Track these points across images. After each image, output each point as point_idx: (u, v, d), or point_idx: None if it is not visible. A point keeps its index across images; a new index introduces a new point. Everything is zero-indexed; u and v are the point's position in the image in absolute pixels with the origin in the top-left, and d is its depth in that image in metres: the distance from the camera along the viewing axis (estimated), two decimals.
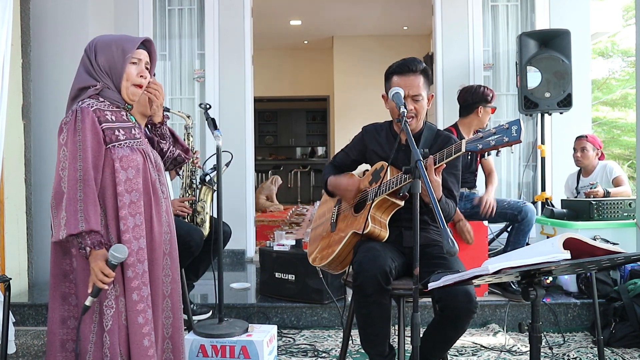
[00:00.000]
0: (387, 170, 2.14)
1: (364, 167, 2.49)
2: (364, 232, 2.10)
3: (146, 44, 1.96)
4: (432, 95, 2.33)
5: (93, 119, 1.82)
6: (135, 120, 1.99)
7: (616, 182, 4.08)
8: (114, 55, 1.89)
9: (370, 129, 2.43)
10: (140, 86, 1.93)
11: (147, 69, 1.96)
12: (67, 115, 1.86)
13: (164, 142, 2.08)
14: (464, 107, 3.58)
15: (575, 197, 4.19)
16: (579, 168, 4.24)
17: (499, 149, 1.89)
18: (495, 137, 1.84)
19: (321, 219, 2.53)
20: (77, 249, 1.82)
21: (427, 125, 2.32)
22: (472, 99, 3.53)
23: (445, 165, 2.01)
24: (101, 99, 1.90)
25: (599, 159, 4.21)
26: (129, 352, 1.83)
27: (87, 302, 1.79)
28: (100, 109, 1.86)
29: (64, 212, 1.74)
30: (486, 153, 3.48)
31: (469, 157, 3.52)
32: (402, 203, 2.17)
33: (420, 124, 2.30)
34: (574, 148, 4.18)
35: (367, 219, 2.11)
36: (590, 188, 4.01)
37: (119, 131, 1.88)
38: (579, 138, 4.18)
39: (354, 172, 2.50)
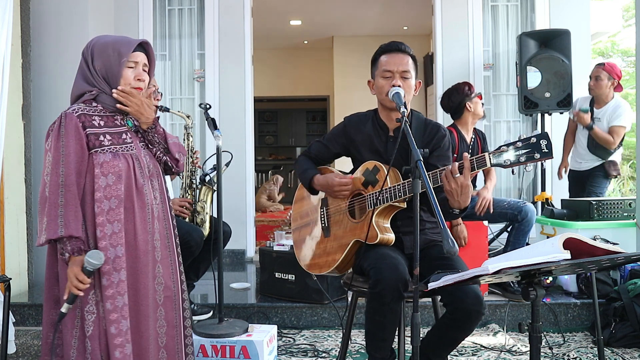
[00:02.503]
0: (387, 175, 2.04)
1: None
2: (374, 243, 2.05)
3: (144, 46, 1.93)
4: (420, 82, 2.24)
5: (77, 124, 1.80)
6: (133, 125, 1.95)
7: (611, 130, 4.07)
8: (110, 59, 1.86)
9: (353, 120, 2.29)
10: (139, 88, 1.91)
11: (145, 71, 1.93)
12: (54, 121, 1.85)
13: (152, 147, 2.00)
14: (454, 112, 3.58)
15: (590, 124, 4.07)
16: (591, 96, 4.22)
17: (528, 165, 1.79)
18: (524, 152, 1.73)
19: (304, 219, 2.41)
20: (59, 254, 1.81)
21: (414, 114, 2.23)
22: (454, 102, 3.54)
23: (473, 173, 1.92)
24: (94, 104, 1.89)
25: (615, 89, 4.15)
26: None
27: (63, 309, 1.77)
28: (86, 114, 1.84)
29: (45, 217, 1.75)
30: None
31: (470, 155, 3.52)
32: (404, 205, 2.10)
33: (408, 108, 2.18)
34: (589, 75, 4.17)
35: (374, 228, 2.05)
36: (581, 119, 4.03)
37: (104, 136, 1.85)
38: (597, 65, 4.14)
39: (328, 166, 2.40)
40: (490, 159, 1.81)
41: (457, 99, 3.53)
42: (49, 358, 1.85)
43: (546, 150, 1.71)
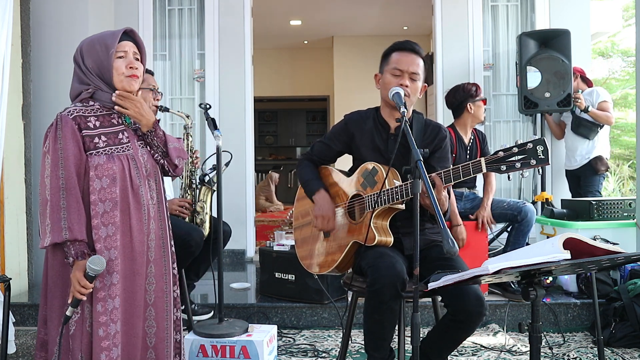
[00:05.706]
0: (386, 177, 2.03)
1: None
2: (372, 245, 2.05)
3: (130, 34, 1.90)
4: (426, 86, 2.24)
5: (73, 127, 1.79)
6: (131, 122, 1.92)
7: (600, 107, 4.18)
8: (99, 54, 1.85)
9: (354, 117, 2.29)
10: (134, 76, 1.87)
11: (137, 59, 1.90)
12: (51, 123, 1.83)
13: (151, 150, 1.97)
14: (454, 109, 3.59)
15: (587, 106, 4.16)
16: None
17: (524, 171, 1.78)
18: (520, 158, 1.73)
19: (305, 218, 2.41)
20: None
21: (415, 115, 2.23)
22: (457, 100, 3.55)
23: (450, 184, 1.95)
24: (91, 102, 1.87)
25: (588, 85, 4.35)
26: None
27: (68, 312, 1.77)
28: (82, 116, 1.82)
29: (48, 220, 1.74)
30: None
31: (468, 155, 3.52)
32: (403, 206, 2.10)
33: (410, 110, 2.19)
34: None
35: (372, 230, 2.05)
36: (577, 100, 4.14)
37: (99, 138, 1.83)
38: None
39: (329, 166, 2.39)
40: (485, 165, 1.82)
41: (460, 97, 3.53)
42: (41, 354, 1.87)
43: (542, 157, 1.70)
